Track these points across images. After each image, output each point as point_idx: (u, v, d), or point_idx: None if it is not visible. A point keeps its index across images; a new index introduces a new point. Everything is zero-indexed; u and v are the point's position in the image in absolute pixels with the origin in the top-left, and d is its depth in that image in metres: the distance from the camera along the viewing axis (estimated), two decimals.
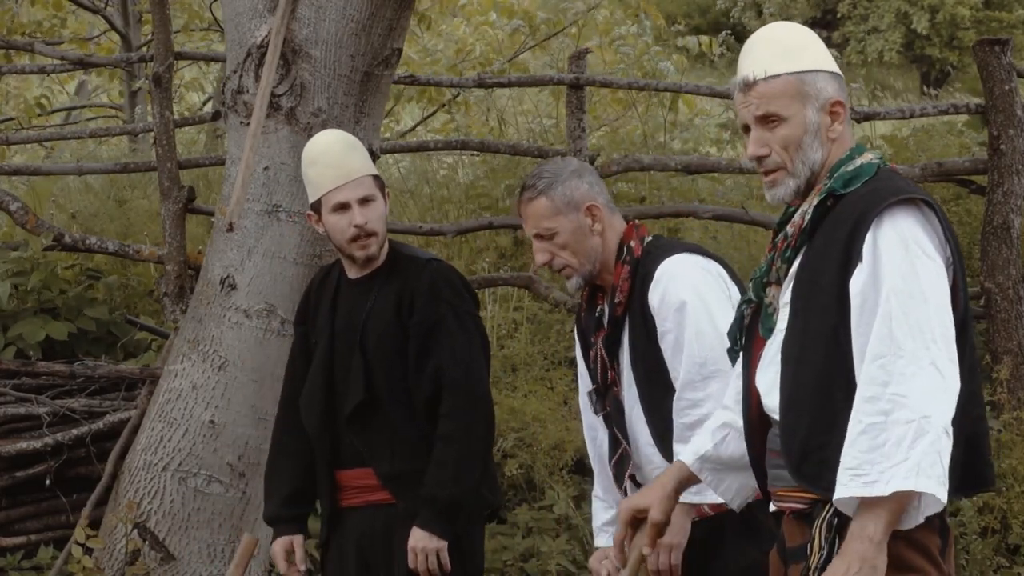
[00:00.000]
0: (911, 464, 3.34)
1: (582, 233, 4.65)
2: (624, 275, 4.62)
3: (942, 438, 3.36)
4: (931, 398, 3.37)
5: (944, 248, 3.54)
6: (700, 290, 4.52)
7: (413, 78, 9.94)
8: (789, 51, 3.70)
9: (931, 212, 3.53)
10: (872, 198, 3.53)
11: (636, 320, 4.60)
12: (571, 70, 8.97)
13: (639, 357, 4.60)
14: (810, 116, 3.66)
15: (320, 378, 5.19)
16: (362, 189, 5.10)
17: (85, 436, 7.26)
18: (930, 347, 3.40)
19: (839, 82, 3.70)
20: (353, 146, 5.17)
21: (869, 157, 3.66)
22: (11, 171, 10.02)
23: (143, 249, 8.17)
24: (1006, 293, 8.35)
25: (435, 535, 4.99)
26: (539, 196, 4.66)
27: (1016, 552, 7.75)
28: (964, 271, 3.59)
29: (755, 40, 3.78)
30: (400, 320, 5.08)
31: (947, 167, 8.68)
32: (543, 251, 4.69)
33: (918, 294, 3.43)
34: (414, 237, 9.04)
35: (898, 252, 3.47)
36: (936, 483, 3.36)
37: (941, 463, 3.36)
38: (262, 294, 6.55)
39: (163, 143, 7.88)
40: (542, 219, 4.65)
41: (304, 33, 6.37)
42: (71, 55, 10.21)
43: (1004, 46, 8.41)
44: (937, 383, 3.38)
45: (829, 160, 3.67)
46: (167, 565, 6.64)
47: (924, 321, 3.42)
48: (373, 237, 5.10)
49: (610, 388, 4.71)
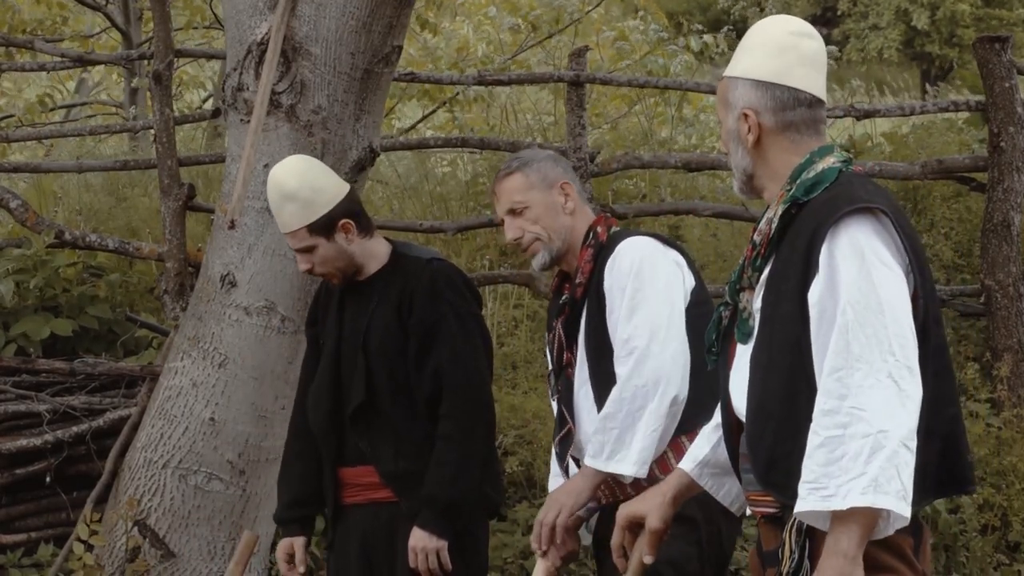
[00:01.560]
0: (868, 479, 3.33)
1: (554, 209, 4.78)
2: (587, 258, 4.74)
3: (900, 452, 3.34)
4: (888, 411, 3.35)
5: (902, 255, 3.51)
6: (646, 270, 4.62)
7: (413, 76, 9.94)
8: (739, 51, 3.77)
9: (887, 219, 3.51)
10: (829, 207, 3.52)
11: (592, 297, 4.70)
12: (571, 68, 8.98)
13: (592, 332, 4.69)
14: (729, 124, 3.75)
15: (326, 379, 5.19)
16: (295, 241, 5.14)
17: (85, 433, 7.26)
18: (887, 359, 3.38)
19: (763, 91, 3.68)
20: (288, 196, 5.09)
21: (831, 161, 3.64)
22: (11, 168, 10.02)
23: (143, 247, 8.17)
24: (1006, 290, 8.35)
25: (435, 535, 4.99)
26: (515, 172, 4.81)
27: (1016, 549, 7.75)
28: (926, 275, 3.56)
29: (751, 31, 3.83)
30: (401, 320, 5.09)
31: (947, 164, 8.68)
32: (514, 227, 4.81)
33: (874, 305, 3.42)
34: (415, 235, 9.04)
35: (854, 263, 3.46)
36: (895, 498, 3.33)
37: (899, 477, 3.33)
38: (262, 291, 6.55)
39: (163, 140, 7.87)
40: (515, 193, 4.78)
41: (304, 30, 6.37)
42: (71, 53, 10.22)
43: (1004, 43, 8.41)
44: (894, 396, 3.36)
45: (771, 167, 3.69)
46: (167, 562, 6.64)
47: (881, 332, 3.40)
48: (326, 275, 5.18)
49: (564, 369, 4.79)
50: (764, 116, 3.68)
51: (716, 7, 29.37)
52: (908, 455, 3.34)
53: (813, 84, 3.71)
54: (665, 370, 4.53)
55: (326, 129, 6.41)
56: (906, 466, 3.34)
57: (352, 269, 5.15)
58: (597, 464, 4.58)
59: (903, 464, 3.34)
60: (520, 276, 8.66)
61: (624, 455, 4.55)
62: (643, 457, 4.55)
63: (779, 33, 3.74)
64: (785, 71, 3.69)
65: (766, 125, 3.68)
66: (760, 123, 3.68)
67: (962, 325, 8.74)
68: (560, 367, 4.81)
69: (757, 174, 3.72)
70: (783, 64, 3.70)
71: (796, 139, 3.69)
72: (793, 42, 3.72)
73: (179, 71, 14.50)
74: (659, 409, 4.53)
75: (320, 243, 5.11)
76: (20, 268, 8.12)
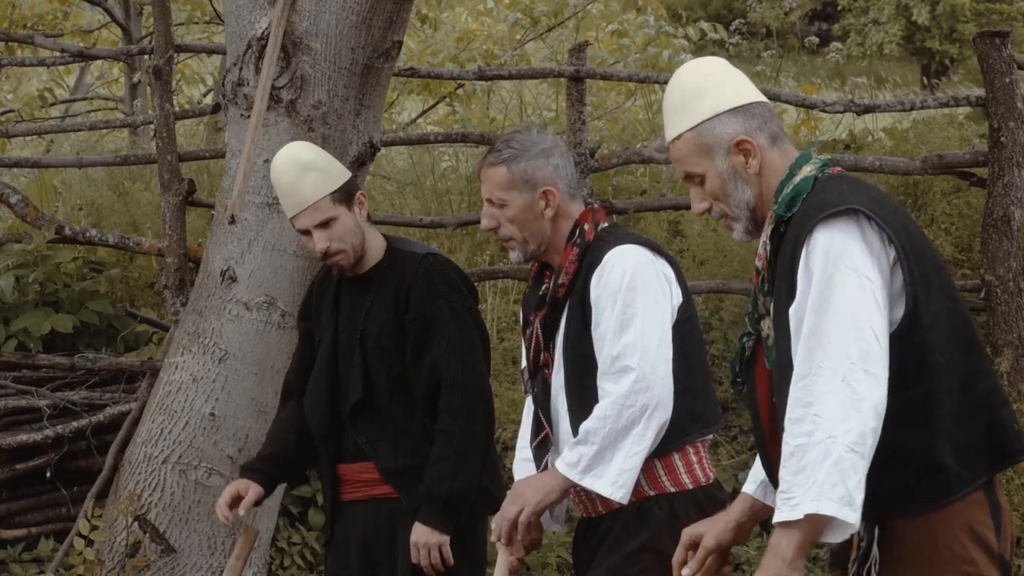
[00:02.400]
0: (816, 487, 3.36)
1: (532, 213, 4.63)
2: (572, 257, 4.60)
3: (846, 457, 3.35)
4: (839, 416, 3.36)
5: (885, 251, 3.50)
6: (637, 285, 4.48)
7: (413, 71, 9.94)
8: (686, 104, 3.73)
9: (863, 217, 3.50)
10: (805, 219, 3.53)
11: (575, 304, 4.57)
12: (571, 62, 8.98)
13: (571, 342, 4.58)
14: (720, 165, 3.69)
15: (324, 376, 5.18)
16: (318, 214, 5.06)
17: (85, 429, 7.26)
18: (843, 362, 3.39)
19: (743, 115, 3.69)
20: (305, 167, 5.07)
21: (807, 170, 3.64)
22: (11, 163, 10.03)
23: (143, 242, 8.17)
24: (1006, 286, 8.34)
25: (436, 530, 4.98)
26: (501, 164, 4.64)
27: (1017, 544, 7.75)
28: (925, 259, 3.55)
29: (666, 94, 3.83)
30: (397, 316, 5.08)
31: (947, 159, 8.67)
32: (491, 217, 4.68)
33: (832, 310, 3.43)
34: (415, 230, 9.04)
35: (818, 270, 3.47)
36: (837, 504, 3.35)
37: (844, 483, 3.34)
38: (262, 287, 6.55)
39: (163, 136, 7.87)
40: (496, 188, 4.64)
41: (304, 25, 6.37)
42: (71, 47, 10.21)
43: (1004, 38, 8.40)
44: (847, 399, 3.37)
45: (766, 189, 3.68)
46: (168, 557, 6.65)
47: (839, 336, 3.41)
48: (341, 254, 5.09)
49: (541, 370, 4.69)
50: (758, 137, 3.68)
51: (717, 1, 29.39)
52: (856, 459, 3.35)
53: (760, 93, 3.77)
54: (655, 394, 4.42)
55: (326, 124, 6.41)
56: (852, 471, 3.35)
57: (362, 251, 5.12)
58: (571, 474, 4.47)
59: (849, 469, 3.35)
60: (520, 271, 8.66)
61: (601, 472, 4.43)
62: (622, 480, 4.43)
63: (708, 67, 3.79)
64: (743, 90, 3.74)
65: (762, 144, 3.68)
66: (758, 144, 3.67)
67: None
68: (536, 367, 4.70)
69: (760, 204, 3.70)
70: (738, 88, 3.74)
71: (784, 148, 3.71)
72: (723, 68, 3.78)
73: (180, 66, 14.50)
74: (645, 433, 4.42)
75: (341, 213, 5.07)
76: (20, 263, 8.12)
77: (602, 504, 4.59)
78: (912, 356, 3.47)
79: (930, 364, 3.47)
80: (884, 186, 9.45)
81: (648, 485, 4.51)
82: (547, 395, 4.67)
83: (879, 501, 3.47)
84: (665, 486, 4.53)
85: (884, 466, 3.44)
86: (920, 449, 3.47)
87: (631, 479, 4.44)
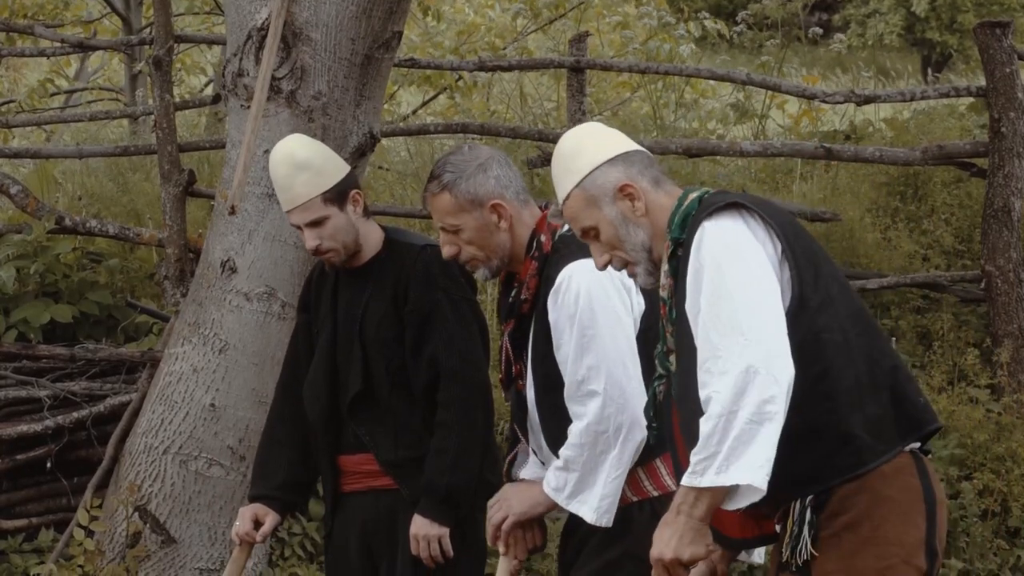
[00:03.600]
0: (720, 459, 3.47)
1: (487, 230, 4.55)
2: (532, 271, 4.53)
3: (748, 428, 3.45)
4: (737, 391, 3.46)
5: (771, 240, 3.63)
6: (593, 305, 4.40)
7: (414, 61, 9.93)
8: (568, 164, 3.87)
9: (745, 210, 3.64)
10: (693, 226, 3.66)
11: (539, 321, 4.51)
12: (572, 53, 8.97)
13: (539, 360, 4.53)
14: (609, 213, 3.81)
15: (323, 369, 5.17)
16: (308, 214, 5.03)
17: (86, 419, 7.26)
18: (738, 339, 3.49)
19: (622, 162, 3.82)
20: (300, 166, 5.04)
21: (692, 196, 3.76)
22: (11, 154, 10.02)
23: (143, 232, 8.16)
24: (1006, 276, 8.35)
25: (436, 522, 4.98)
26: (442, 192, 4.56)
27: (1016, 535, 7.76)
28: (807, 251, 3.66)
29: (551, 166, 3.97)
30: (396, 308, 5.06)
31: (948, 150, 8.67)
32: (450, 243, 4.60)
33: (725, 293, 3.54)
34: (415, 221, 9.03)
35: (708, 260, 3.60)
36: (741, 471, 3.46)
37: (748, 453, 3.46)
38: (262, 277, 6.55)
39: (163, 126, 7.87)
40: (446, 215, 4.56)
41: (304, 16, 6.37)
42: (71, 38, 10.20)
43: (1005, 29, 8.40)
44: (741, 375, 3.47)
45: (657, 229, 3.79)
46: (168, 548, 6.65)
47: (732, 317, 3.51)
48: (331, 252, 5.07)
49: (514, 382, 4.65)
50: (640, 181, 3.81)
51: None
52: (755, 428, 3.45)
53: (635, 144, 3.90)
54: (627, 415, 4.35)
55: (326, 115, 6.41)
56: (755, 441, 3.46)
57: (355, 248, 5.10)
58: (558, 499, 4.46)
59: (754, 439, 3.45)
60: None
61: (585, 498, 4.41)
62: (604, 505, 4.40)
63: (584, 130, 3.95)
64: (619, 143, 3.88)
65: (645, 187, 3.81)
66: (641, 188, 3.80)
67: (962, 311, 8.74)
68: (509, 379, 4.66)
69: (655, 244, 3.80)
70: (613, 140, 3.88)
71: (668, 190, 3.83)
72: (598, 128, 3.95)
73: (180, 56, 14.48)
74: (622, 456, 4.38)
75: (333, 213, 5.04)
76: (21, 254, 8.11)
77: None
78: (804, 336, 3.57)
79: (824, 342, 3.59)
80: (884, 176, 9.45)
81: (631, 492, 4.48)
82: (522, 407, 4.64)
83: (796, 478, 3.60)
84: (648, 491, 4.51)
85: (796, 444, 3.54)
86: (826, 423, 3.59)
87: (613, 503, 4.43)
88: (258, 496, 5.28)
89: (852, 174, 9.71)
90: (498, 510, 4.56)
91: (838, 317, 3.60)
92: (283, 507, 5.28)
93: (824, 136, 10.19)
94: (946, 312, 8.67)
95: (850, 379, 3.59)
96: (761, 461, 3.45)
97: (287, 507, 5.33)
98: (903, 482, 3.62)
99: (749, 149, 8.99)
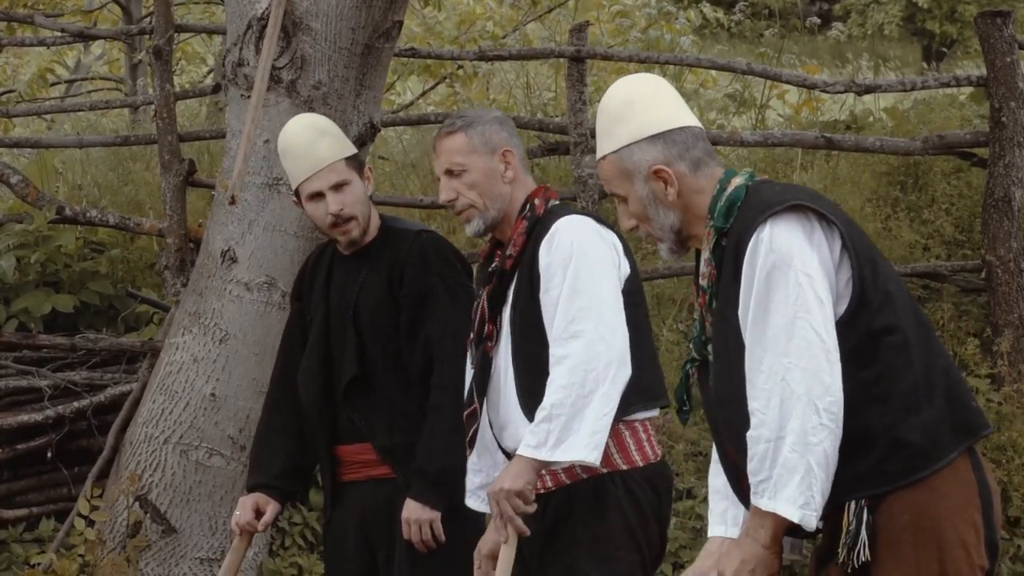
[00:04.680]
0: (771, 484, 3.48)
1: (493, 176, 4.65)
2: (521, 230, 4.61)
3: (790, 458, 3.44)
4: (779, 417, 3.46)
5: (828, 240, 3.56)
6: (587, 251, 4.47)
7: (414, 51, 9.92)
8: (610, 127, 3.80)
9: (805, 212, 3.56)
10: (744, 223, 3.59)
11: (524, 274, 4.56)
12: (572, 43, 8.96)
13: (520, 310, 4.57)
14: (640, 190, 3.75)
15: (316, 355, 5.18)
16: (333, 175, 5.07)
17: (86, 409, 7.27)
18: (781, 360, 3.47)
19: (662, 142, 3.73)
20: (322, 131, 5.12)
21: (736, 182, 3.69)
22: (12, 144, 10.01)
23: (144, 222, 8.16)
24: (1007, 266, 8.35)
25: (427, 506, 4.98)
26: (457, 132, 4.67)
27: (1016, 524, 7.76)
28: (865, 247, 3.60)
29: (598, 111, 3.89)
30: (391, 293, 5.08)
31: (948, 139, 8.66)
32: (450, 189, 4.68)
33: (772, 308, 3.51)
34: (416, 210, 9.03)
35: (759, 269, 3.54)
36: (786, 504, 3.46)
37: (790, 484, 3.44)
38: (263, 267, 6.55)
39: (163, 116, 7.86)
40: (455, 154, 4.65)
41: (305, 5, 6.36)
42: (72, 27, 10.19)
43: (1006, 18, 8.39)
44: (786, 401, 3.45)
45: (694, 210, 3.73)
46: (168, 537, 6.66)
47: (777, 335, 3.49)
48: (352, 221, 5.08)
49: (483, 342, 4.67)
50: (676, 164, 3.73)
51: None
52: (796, 459, 3.44)
53: (690, 116, 3.79)
54: (616, 352, 4.37)
55: (327, 104, 6.41)
56: (796, 471, 3.43)
57: (367, 224, 5.13)
58: (540, 455, 4.37)
59: (792, 470, 3.44)
60: None
61: (573, 441, 4.34)
62: (595, 440, 4.35)
63: (636, 89, 3.81)
64: (667, 116, 3.76)
65: (681, 171, 3.72)
66: (676, 172, 3.72)
67: (963, 300, 8.74)
68: (480, 339, 4.68)
69: (685, 226, 3.75)
70: (662, 112, 3.77)
71: (708, 173, 3.74)
72: (651, 89, 3.81)
73: (180, 46, 14.48)
74: (610, 393, 4.37)
75: (354, 179, 5.10)
76: (21, 244, 8.12)
77: (551, 479, 4.58)
78: (862, 338, 3.52)
79: (881, 343, 3.52)
80: (885, 166, 9.45)
81: (601, 463, 4.45)
82: (484, 370, 4.65)
83: (849, 483, 3.52)
84: (617, 463, 4.53)
85: (850, 448, 3.49)
86: (882, 427, 3.51)
87: (603, 440, 4.38)
88: (257, 485, 5.29)
89: (852, 164, 9.71)
90: (495, 503, 4.47)
91: (897, 315, 3.54)
92: (283, 496, 5.29)
93: (824, 126, 10.17)
94: (946, 302, 8.67)
95: (907, 382, 3.52)
96: (800, 492, 3.44)
97: (287, 496, 5.34)
98: (960, 479, 3.56)
99: (750, 139, 8.98)
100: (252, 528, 5.21)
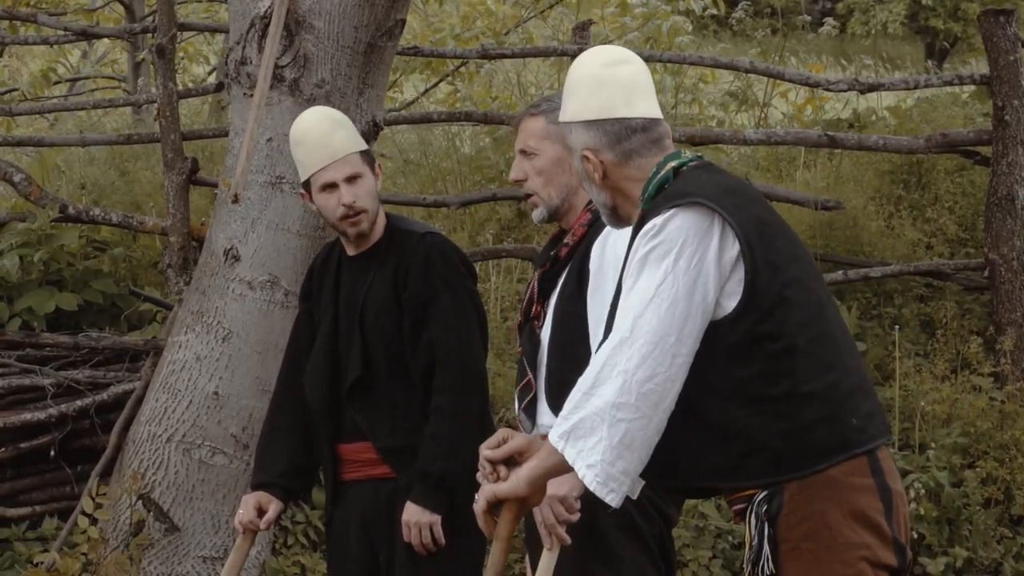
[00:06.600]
0: (579, 443, 3.60)
1: (561, 167, 4.66)
2: (583, 221, 4.65)
3: (591, 420, 3.54)
4: (603, 376, 3.56)
5: (723, 241, 3.56)
6: None
7: (417, 49, 9.92)
8: (565, 97, 3.85)
9: (703, 209, 3.57)
10: (653, 207, 3.65)
11: (575, 265, 4.60)
12: (575, 41, 8.96)
13: (564, 299, 4.59)
14: (576, 164, 3.85)
15: (324, 356, 5.17)
16: (348, 167, 5.07)
17: (89, 407, 7.27)
18: (619, 336, 3.55)
19: (597, 129, 3.78)
20: (338, 123, 5.13)
21: (671, 165, 3.73)
22: (15, 142, 10.02)
23: (147, 221, 8.16)
24: (1010, 264, 8.34)
25: (428, 509, 4.97)
26: (539, 115, 4.69)
27: (1019, 523, 7.76)
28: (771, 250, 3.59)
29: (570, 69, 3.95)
30: (396, 295, 5.07)
31: (951, 138, 8.66)
32: (519, 168, 4.72)
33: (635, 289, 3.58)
34: (418, 208, 9.03)
35: (639, 252, 3.60)
36: (584, 467, 3.55)
37: (595, 448, 3.53)
38: (266, 266, 6.55)
39: (166, 115, 7.86)
40: (531, 136, 4.69)
41: (307, 4, 6.36)
42: (74, 26, 10.19)
43: (1009, 16, 8.39)
44: (609, 368, 3.54)
45: (624, 193, 3.79)
46: (171, 536, 6.66)
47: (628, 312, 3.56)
48: (363, 214, 5.08)
49: (531, 321, 4.70)
50: (603, 153, 3.78)
51: None
52: (596, 420, 3.53)
53: (640, 108, 3.80)
54: None
55: (329, 103, 6.40)
56: (591, 433, 3.53)
57: (375, 220, 5.14)
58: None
59: (593, 432, 3.53)
60: (523, 250, 8.65)
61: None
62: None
63: (595, 68, 3.83)
64: (608, 105, 3.79)
65: (608, 160, 3.78)
66: (602, 160, 3.78)
67: (966, 299, 8.74)
68: (527, 318, 4.72)
69: (618, 204, 3.82)
70: (605, 99, 3.79)
71: (641, 164, 3.77)
72: (609, 74, 3.82)
73: (183, 45, 14.48)
74: None
75: (367, 173, 5.11)
76: (24, 242, 8.13)
77: None
78: (745, 337, 3.54)
79: (761, 348, 3.54)
80: (888, 164, 9.45)
81: None
82: (534, 347, 4.68)
83: (710, 471, 3.59)
84: None
85: (715, 437, 3.56)
86: (747, 426, 3.55)
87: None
88: (260, 484, 5.28)
89: (855, 162, 9.71)
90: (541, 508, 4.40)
91: (786, 323, 3.54)
92: (286, 494, 5.28)
93: (827, 124, 10.18)
94: (949, 300, 8.67)
95: (781, 388, 3.53)
96: (588, 453, 3.53)
97: (290, 494, 5.33)
98: (855, 484, 3.55)
99: (752, 137, 8.98)
100: (254, 527, 5.21)
